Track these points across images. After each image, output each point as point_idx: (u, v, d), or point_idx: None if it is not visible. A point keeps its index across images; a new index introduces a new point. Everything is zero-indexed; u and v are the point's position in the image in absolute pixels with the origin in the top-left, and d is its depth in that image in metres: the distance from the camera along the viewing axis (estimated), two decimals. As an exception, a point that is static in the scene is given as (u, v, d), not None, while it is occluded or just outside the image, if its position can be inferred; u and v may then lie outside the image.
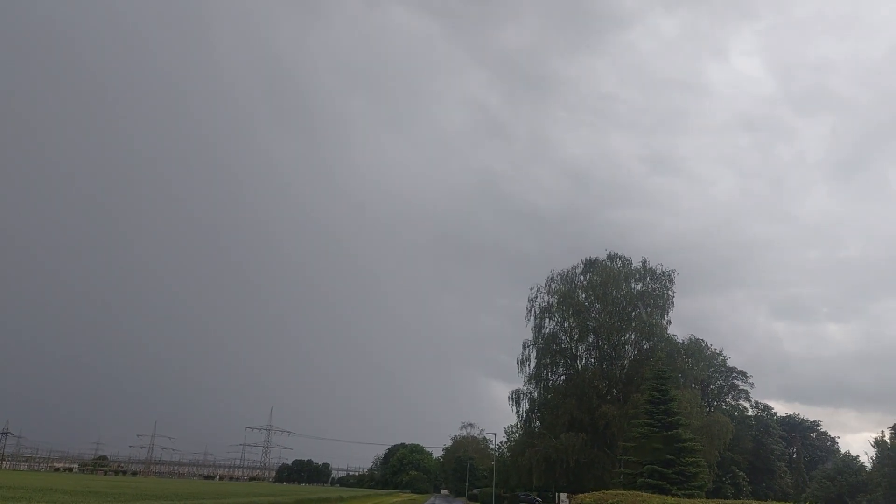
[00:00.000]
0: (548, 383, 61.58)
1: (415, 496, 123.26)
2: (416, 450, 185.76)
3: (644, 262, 59.52)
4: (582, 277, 62.62)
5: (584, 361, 60.43)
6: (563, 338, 61.38)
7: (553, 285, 63.67)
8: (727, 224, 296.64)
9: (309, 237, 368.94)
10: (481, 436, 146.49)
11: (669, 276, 58.57)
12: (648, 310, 57.61)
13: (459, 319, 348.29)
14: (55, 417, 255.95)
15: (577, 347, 60.54)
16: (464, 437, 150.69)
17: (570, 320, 59.83)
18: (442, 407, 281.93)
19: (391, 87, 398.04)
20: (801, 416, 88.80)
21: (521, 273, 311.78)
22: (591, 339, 60.21)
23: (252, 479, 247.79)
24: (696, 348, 57.72)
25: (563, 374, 61.28)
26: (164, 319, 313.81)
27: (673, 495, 38.10)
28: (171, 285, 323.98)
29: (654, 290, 58.60)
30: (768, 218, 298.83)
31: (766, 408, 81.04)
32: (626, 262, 61.02)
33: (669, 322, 57.73)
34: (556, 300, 61.42)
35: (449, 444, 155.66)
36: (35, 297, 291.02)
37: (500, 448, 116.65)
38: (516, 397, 64.79)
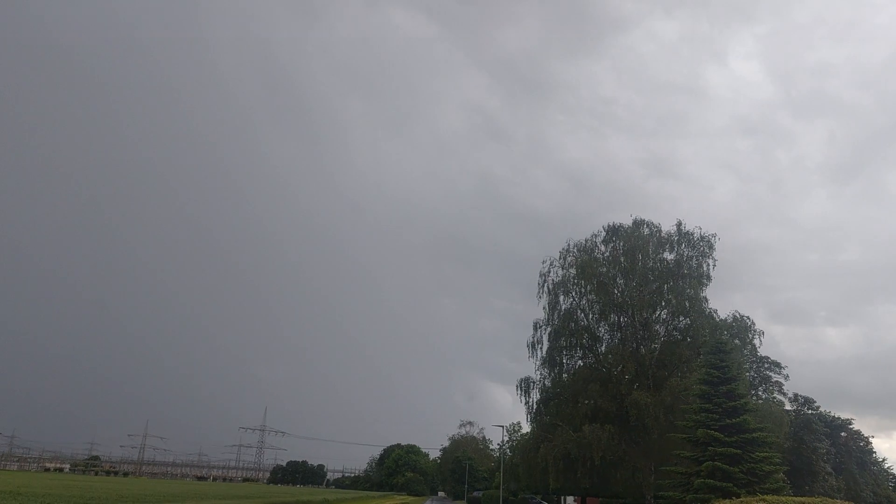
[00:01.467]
0: (564, 368, 51.30)
1: (410, 499, 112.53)
2: (413, 450, 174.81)
3: (679, 225, 49.31)
4: (603, 247, 52.47)
5: (606, 342, 50.11)
6: (582, 316, 51.15)
7: (569, 258, 53.50)
8: (726, 228, 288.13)
9: (306, 238, 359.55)
10: (481, 435, 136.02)
11: (709, 241, 48.34)
12: (684, 282, 47.52)
13: (458, 321, 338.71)
14: (50, 417, 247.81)
15: (598, 327, 50.25)
16: (462, 437, 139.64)
17: (591, 295, 49.64)
18: (440, 409, 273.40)
19: (390, 90, 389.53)
20: (832, 413, 78.35)
21: (520, 276, 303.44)
22: (613, 318, 49.98)
23: (246, 480, 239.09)
24: (741, 327, 47.41)
25: (582, 358, 50.99)
26: (162, 320, 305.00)
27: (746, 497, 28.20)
28: (167, 285, 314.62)
29: (690, 258, 48.46)
30: (767, 222, 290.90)
31: (808, 401, 70.43)
32: (655, 228, 50.94)
33: (706, 298, 47.56)
34: (573, 272, 51.26)
35: (446, 444, 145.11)
36: (31, 297, 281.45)
37: (503, 446, 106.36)
38: (525, 386, 54.37)
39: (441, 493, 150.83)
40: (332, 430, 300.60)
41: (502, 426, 61.01)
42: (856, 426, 79.79)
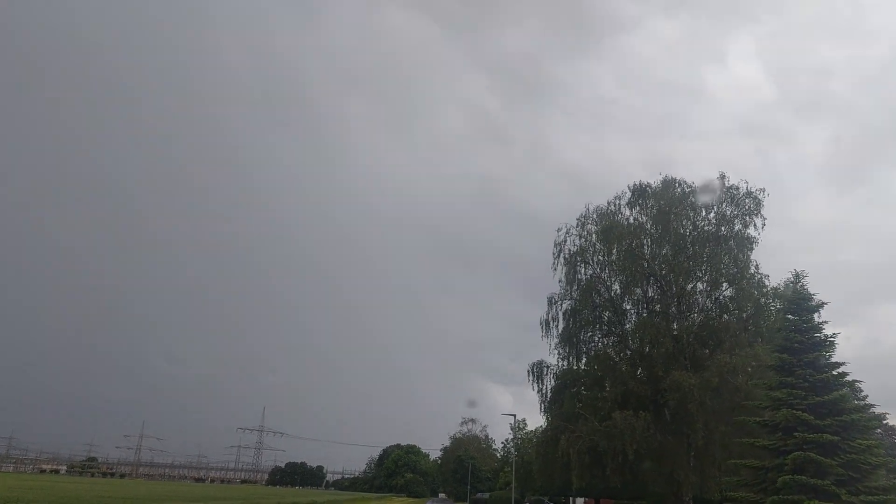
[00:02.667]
0: (585, 348, 43.16)
1: (409, 501, 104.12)
2: (413, 451, 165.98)
3: (722, 177, 41.02)
4: (628, 211, 44.40)
5: (635, 317, 41.89)
6: (604, 289, 43.09)
7: (588, 225, 45.40)
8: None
9: (305, 239, 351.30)
10: (483, 433, 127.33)
11: (755, 198, 40.26)
12: (726, 245, 39.48)
13: (458, 323, 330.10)
14: (48, 419, 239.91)
15: (625, 299, 42.11)
16: (464, 435, 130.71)
17: (617, 263, 41.55)
18: (440, 411, 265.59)
19: (390, 91, 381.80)
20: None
21: (520, 278, 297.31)
22: (643, 290, 41.87)
23: (244, 481, 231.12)
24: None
25: (606, 336, 42.79)
26: (159, 321, 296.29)
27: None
28: (165, 286, 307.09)
29: (733, 217, 40.34)
30: (767, 223, 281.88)
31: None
32: (689, 187, 42.88)
33: (756, 263, 39.35)
34: (595, 237, 43.22)
35: (447, 444, 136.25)
36: (30, 298, 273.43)
37: (508, 444, 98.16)
38: (538, 371, 46.09)
39: (442, 495, 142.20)
40: (332, 431, 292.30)
41: (513, 415, 52.32)
42: (890, 421, 71.52)
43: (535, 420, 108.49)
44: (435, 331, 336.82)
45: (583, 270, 43.85)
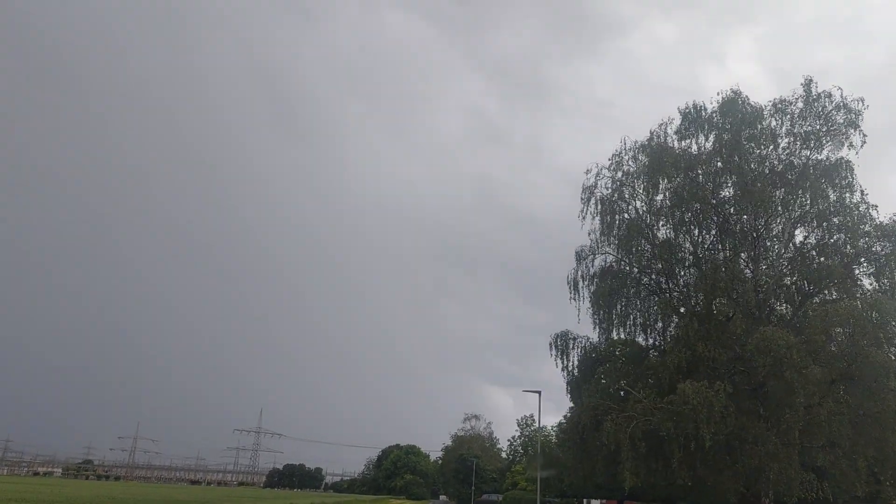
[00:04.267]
0: (626, 311, 32.86)
1: (408, 503, 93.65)
2: (412, 451, 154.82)
3: (808, 83, 30.68)
4: (676, 141, 34.11)
5: (694, 269, 31.55)
6: (651, 235, 32.83)
7: (625, 164, 35.06)
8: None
9: (304, 241, 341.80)
10: (487, 430, 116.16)
11: (852, 110, 30.17)
12: (816, 173, 29.38)
13: (458, 325, 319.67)
14: (47, 422, 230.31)
15: (680, 245, 31.83)
16: (467, 433, 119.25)
17: (672, 200, 31.34)
18: (440, 413, 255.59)
19: (388, 93, 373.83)
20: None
21: (520, 279, 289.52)
22: (702, 234, 31.80)
23: (241, 484, 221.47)
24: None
25: (655, 293, 32.39)
26: (157, 323, 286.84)
27: None
28: (162, 288, 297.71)
29: (822, 135, 30.18)
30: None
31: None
32: (756, 106, 32.61)
33: (863, 189, 29.15)
34: (639, 171, 33.03)
35: (448, 443, 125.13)
36: (29, 300, 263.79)
37: (515, 443, 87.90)
38: (563, 344, 35.59)
39: (443, 497, 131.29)
40: (332, 433, 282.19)
41: (538, 392, 41.58)
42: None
43: (544, 418, 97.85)
44: (434, 332, 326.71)
45: (623, 211, 33.69)
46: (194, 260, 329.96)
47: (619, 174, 34.78)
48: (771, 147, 30.94)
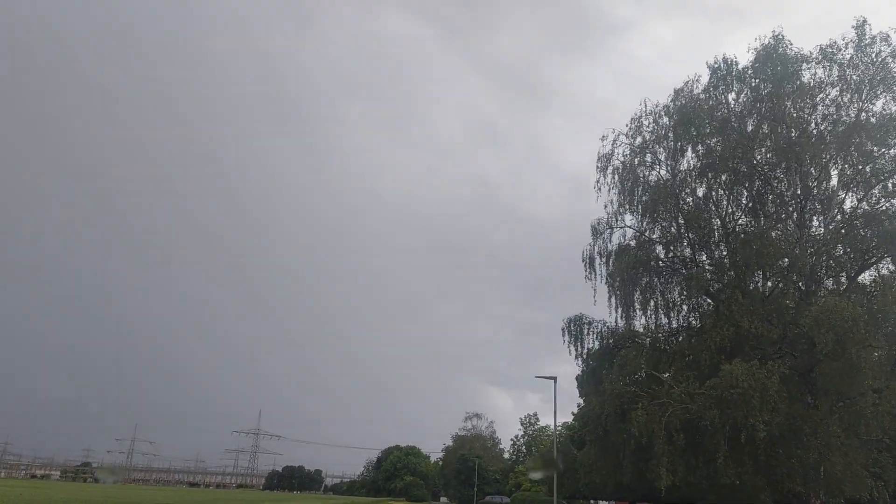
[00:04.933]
0: (650, 288, 28.79)
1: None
2: (412, 452, 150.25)
3: (860, 25, 26.64)
4: (707, 99, 30.00)
5: (730, 236, 27.38)
6: (679, 201, 28.66)
7: (646, 128, 30.88)
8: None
9: (303, 240, 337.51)
10: (489, 430, 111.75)
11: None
12: (869, 130, 25.38)
13: (457, 326, 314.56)
14: (46, 424, 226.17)
15: (713, 210, 27.70)
16: (468, 433, 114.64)
17: (704, 161, 27.24)
18: (440, 414, 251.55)
19: (387, 94, 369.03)
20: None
21: (519, 281, 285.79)
22: (743, 194, 27.64)
23: (240, 486, 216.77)
24: None
25: (687, 266, 28.27)
26: (156, 323, 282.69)
27: None
28: (160, 289, 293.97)
29: (877, 83, 26.18)
30: None
31: None
32: (800, 57, 28.56)
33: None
34: (666, 129, 28.95)
35: (449, 444, 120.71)
36: (20, 301, 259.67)
37: (518, 442, 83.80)
38: (576, 329, 31.47)
39: (444, 499, 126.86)
40: (332, 434, 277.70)
41: (553, 378, 37.43)
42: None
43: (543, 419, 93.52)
44: (434, 332, 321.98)
45: (646, 179, 29.59)
46: (193, 260, 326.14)
47: (639, 140, 30.76)
48: (819, 98, 26.86)
